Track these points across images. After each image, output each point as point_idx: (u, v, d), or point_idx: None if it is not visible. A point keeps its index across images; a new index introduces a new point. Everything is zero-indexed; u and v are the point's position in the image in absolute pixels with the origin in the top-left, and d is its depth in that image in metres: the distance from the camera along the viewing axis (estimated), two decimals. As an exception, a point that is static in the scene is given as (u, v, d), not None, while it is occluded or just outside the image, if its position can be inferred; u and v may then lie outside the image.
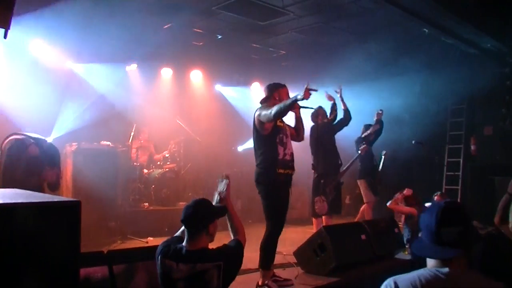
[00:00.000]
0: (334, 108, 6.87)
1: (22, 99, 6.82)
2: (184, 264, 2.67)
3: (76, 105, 7.78)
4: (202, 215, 2.80)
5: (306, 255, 5.22)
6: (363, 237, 5.51)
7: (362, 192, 7.67)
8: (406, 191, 6.00)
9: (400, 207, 5.97)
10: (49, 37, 7.21)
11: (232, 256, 2.83)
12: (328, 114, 6.87)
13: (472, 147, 9.63)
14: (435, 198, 6.39)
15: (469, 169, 9.58)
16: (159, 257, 2.77)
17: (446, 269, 1.90)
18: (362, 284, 5.03)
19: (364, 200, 7.63)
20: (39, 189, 4.54)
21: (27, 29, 6.41)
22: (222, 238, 3.05)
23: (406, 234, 5.97)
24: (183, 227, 3.03)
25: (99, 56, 8.00)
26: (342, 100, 6.85)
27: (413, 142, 8.71)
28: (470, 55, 8.58)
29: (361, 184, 7.64)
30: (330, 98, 6.86)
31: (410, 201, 5.95)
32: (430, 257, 1.97)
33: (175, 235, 3.06)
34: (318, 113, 6.71)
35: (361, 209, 7.76)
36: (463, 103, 9.76)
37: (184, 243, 2.79)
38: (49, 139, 7.25)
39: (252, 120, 4.57)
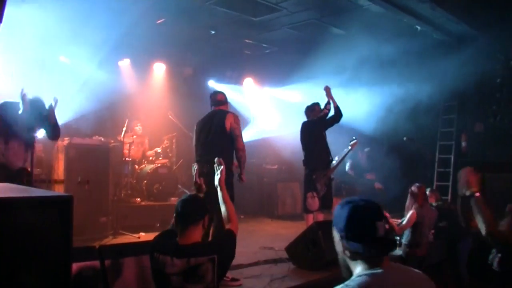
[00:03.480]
0: (327, 106, 6.82)
1: (14, 93, 6.75)
2: (178, 258, 2.68)
3: (68, 99, 7.74)
4: (198, 208, 2.84)
5: (298, 250, 5.25)
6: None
7: None
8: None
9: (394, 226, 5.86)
10: (41, 30, 7.15)
11: (225, 248, 2.85)
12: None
13: (463, 144, 9.70)
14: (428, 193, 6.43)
15: (460, 165, 9.63)
16: (153, 252, 2.78)
17: (379, 270, 1.77)
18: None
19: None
20: None
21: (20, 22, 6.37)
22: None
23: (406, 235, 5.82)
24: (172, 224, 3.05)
25: (92, 51, 7.95)
26: (332, 99, 6.82)
27: (404, 138, 8.77)
28: (461, 52, 8.62)
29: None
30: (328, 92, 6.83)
31: (418, 198, 5.69)
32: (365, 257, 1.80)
33: (168, 228, 3.08)
34: (314, 109, 6.71)
35: None
36: (455, 100, 9.82)
37: (177, 238, 2.80)
38: (41, 134, 7.23)
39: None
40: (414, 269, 1.91)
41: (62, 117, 7.58)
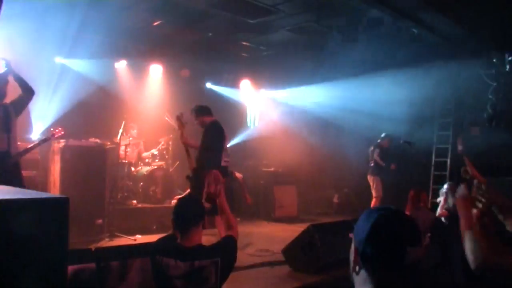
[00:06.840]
0: None
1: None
2: (182, 261, 2.67)
3: (65, 101, 7.72)
4: (197, 210, 2.84)
5: (294, 253, 5.24)
6: (351, 235, 5.53)
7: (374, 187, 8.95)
8: None
9: None
10: (38, 32, 7.13)
11: (228, 252, 2.85)
12: None
13: (459, 147, 9.73)
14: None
15: (455, 169, 9.67)
16: (155, 255, 2.76)
17: None
18: (350, 282, 5.07)
19: (375, 195, 8.87)
20: None
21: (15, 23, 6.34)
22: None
23: None
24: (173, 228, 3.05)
25: (88, 52, 7.93)
26: None
27: (401, 141, 8.80)
28: (457, 56, 8.65)
29: (376, 180, 8.93)
30: None
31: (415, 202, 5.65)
32: None
33: (168, 234, 3.08)
34: (199, 119, 6.43)
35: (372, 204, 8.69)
36: (451, 103, 9.86)
37: (179, 241, 2.79)
38: (36, 135, 7.22)
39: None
40: None
41: (58, 120, 7.60)
